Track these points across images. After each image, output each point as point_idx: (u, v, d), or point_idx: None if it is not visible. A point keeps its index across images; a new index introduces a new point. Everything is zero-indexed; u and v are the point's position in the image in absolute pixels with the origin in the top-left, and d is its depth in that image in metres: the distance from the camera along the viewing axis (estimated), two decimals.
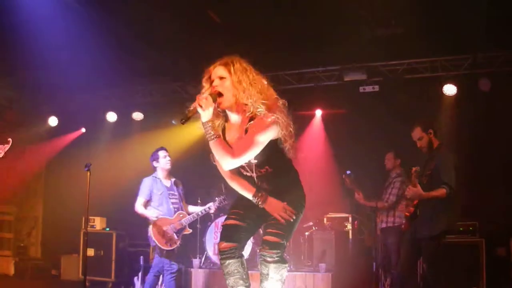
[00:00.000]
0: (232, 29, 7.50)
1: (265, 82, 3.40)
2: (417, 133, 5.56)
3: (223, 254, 3.52)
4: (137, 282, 7.20)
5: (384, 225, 6.85)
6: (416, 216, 5.38)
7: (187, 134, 9.66)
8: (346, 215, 8.10)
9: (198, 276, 7.20)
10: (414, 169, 5.53)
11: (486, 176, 7.94)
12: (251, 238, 6.66)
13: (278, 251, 3.38)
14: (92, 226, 9.22)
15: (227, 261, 3.51)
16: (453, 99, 8.03)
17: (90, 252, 9.06)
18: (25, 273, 9.69)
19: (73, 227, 9.48)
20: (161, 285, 6.73)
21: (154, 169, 6.76)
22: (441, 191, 5.17)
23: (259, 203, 3.46)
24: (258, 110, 3.27)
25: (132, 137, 10.25)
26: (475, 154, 7.96)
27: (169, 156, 6.77)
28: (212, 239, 8.05)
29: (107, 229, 9.24)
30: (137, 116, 9.87)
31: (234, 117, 3.43)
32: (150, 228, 6.49)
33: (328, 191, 7.01)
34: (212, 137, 3.24)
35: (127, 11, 7.20)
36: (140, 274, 7.21)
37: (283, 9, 7.16)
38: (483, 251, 7.15)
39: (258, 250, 3.45)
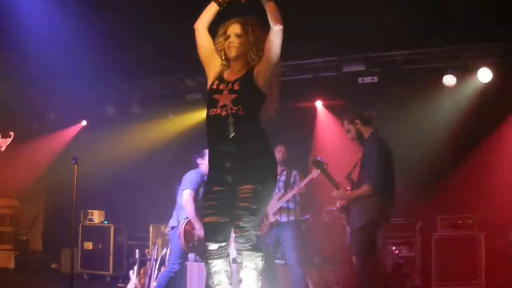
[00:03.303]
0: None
1: None
2: (345, 126, 5.41)
3: (212, 255, 3.40)
4: (133, 276, 7.16)
5: (285, 219, 6.27)
6: (348, 209, 5.28)
7: (185, 127, 9.61)
8: None
9: (193, 270, 7.14)
10: (311, 159, 5.64)
11: (486, 168, 7.79)
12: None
13: (249, 240, 3.31)
14: (91, 220, 9.23)
15: (215, 261, 3.40)
16: (453, 90, 7.90)
17: (89, 245, 9.11)
18: (26, 267, 9.72)
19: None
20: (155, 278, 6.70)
21: (196, 166, 6.28)
22: (365, 188, 5.08)
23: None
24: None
25: (131, 131, 10.22)
26: (474, 146, 7.87)
27: None
28: None
29: (106, 222, 9.24)
30: (136, 110, 9.81)
31: (236, 67, 3.52)
32: (183, 224, 6.00)
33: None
34: None
35: (125, 5, 7.15)
36: (135, 267, 7.17)
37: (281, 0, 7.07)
38: (482, 244, 7.07)
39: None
